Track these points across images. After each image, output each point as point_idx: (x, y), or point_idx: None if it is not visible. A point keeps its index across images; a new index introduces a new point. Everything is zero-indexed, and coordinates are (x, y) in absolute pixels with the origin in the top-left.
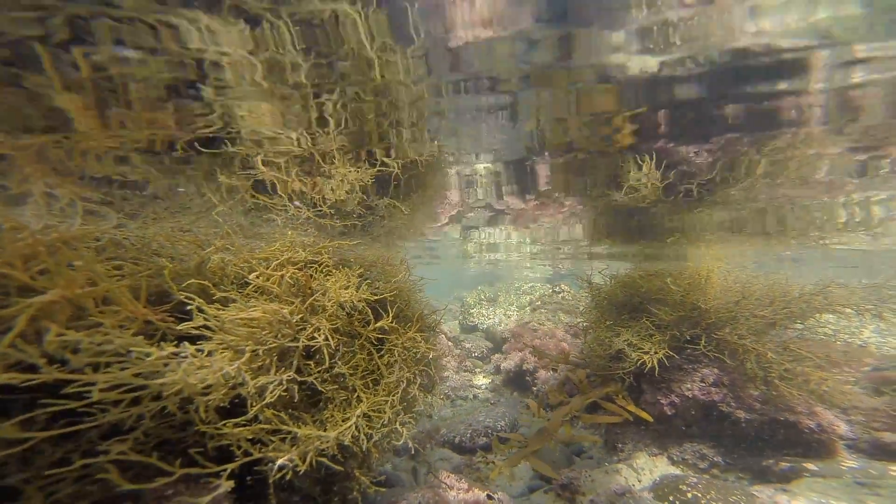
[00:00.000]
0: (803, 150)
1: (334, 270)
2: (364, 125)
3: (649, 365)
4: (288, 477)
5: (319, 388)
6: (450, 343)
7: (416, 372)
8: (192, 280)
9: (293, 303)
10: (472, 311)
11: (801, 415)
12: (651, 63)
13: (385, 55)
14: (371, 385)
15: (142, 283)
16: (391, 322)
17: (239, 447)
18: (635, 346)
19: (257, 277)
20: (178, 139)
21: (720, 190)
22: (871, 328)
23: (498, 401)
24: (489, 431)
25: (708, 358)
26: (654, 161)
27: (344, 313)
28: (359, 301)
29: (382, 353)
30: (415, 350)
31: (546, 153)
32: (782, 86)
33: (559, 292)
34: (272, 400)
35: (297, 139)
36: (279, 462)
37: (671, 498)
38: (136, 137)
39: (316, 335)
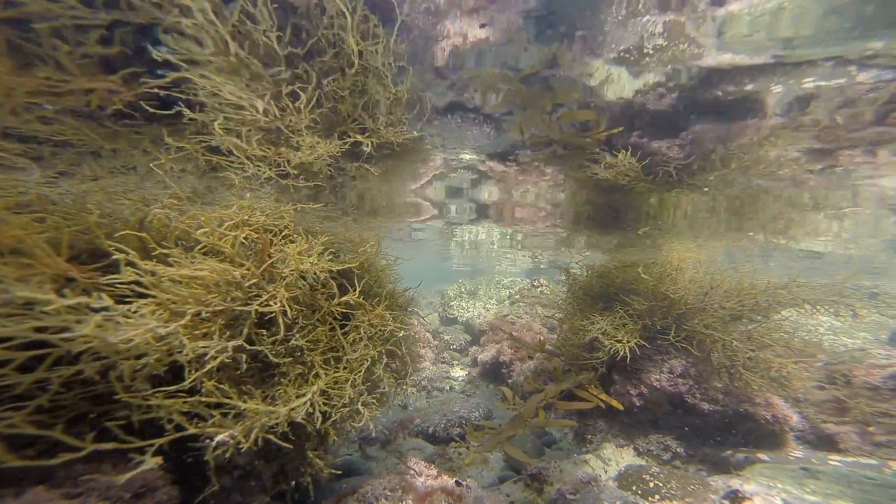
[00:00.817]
0: (767, 148)
1: (297, 237)
2: (339, 104)
3: (622, 353)
4: (229, 455)
5: (272, 360)
6: (428, 334)
7: (384, 351)
8: (127, 232)
9: (246, 266)
10: (451, 303)
11: (759, 406)
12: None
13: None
14: (332, 362)
15: (63, 237)
16: (357, 297)
17: (171, 421)
18: (609, 335)
19: (207, 236)
20: (118, 100)
21: (698, 174)
22: (825, 327)
23: (474, 392)
24: (463, 422)
25: (676, 349)
26: (629, 152)
27: (306, 284)
28: (322, 271)
29: (347, 329)
30: (383, 328)
31: (528, 151)
32: (748, 87)
33: (537, 286)
34: (214, 369)
35: (265, 110)
36: (217, 438)
37: (634, 487)
38: (63, 92)
39: (271, 303)
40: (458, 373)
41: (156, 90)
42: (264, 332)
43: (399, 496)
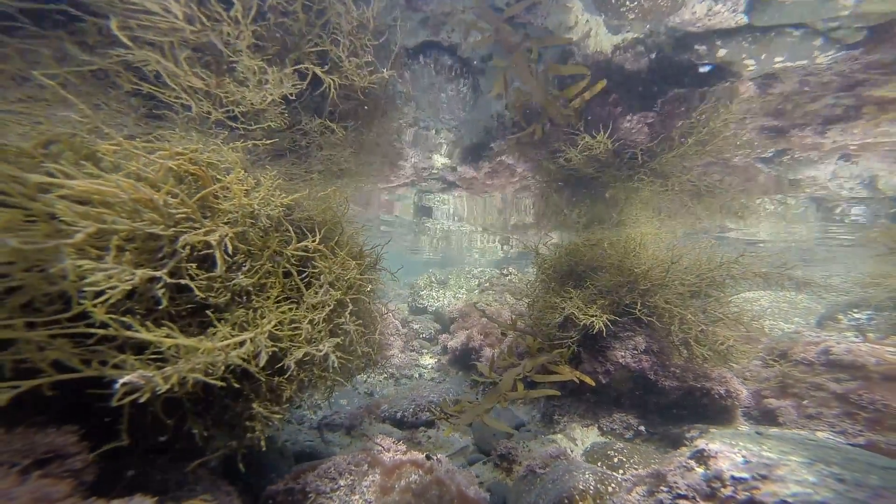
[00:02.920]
0: (725, 113)
1: (246, 174)
2: (289, 21)
3: (596, 328)
4: (152, 410)
5: (207, 301)
6: (397, 322)
7: (348, 300)
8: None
9: (174, 192)
10: (421, 293)
11: (714, 381)
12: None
13: None
14: (287, 309)
15: None
16: (317, 243)
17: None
18: (581, 310)
19: (120, 156)
20: None
21: (660, 156)
22: (766, 313)
23: (444, 379)
24: (433, 406)
25: (641, 325)
26: (604, 132)
27: (258, 228)
28: (274, 209)
29: (305, 275)
30: (347, 277)
31: (506, 133)
32: (721, 53)
33: (507, 275)
34: (115, 300)
35: (185, 16)
36: (123, 380)
37: (599, 463)
38: None
39: (208, 238)
40: (428, 361)
41: None
42: (203, 273)
43: (364, 470)
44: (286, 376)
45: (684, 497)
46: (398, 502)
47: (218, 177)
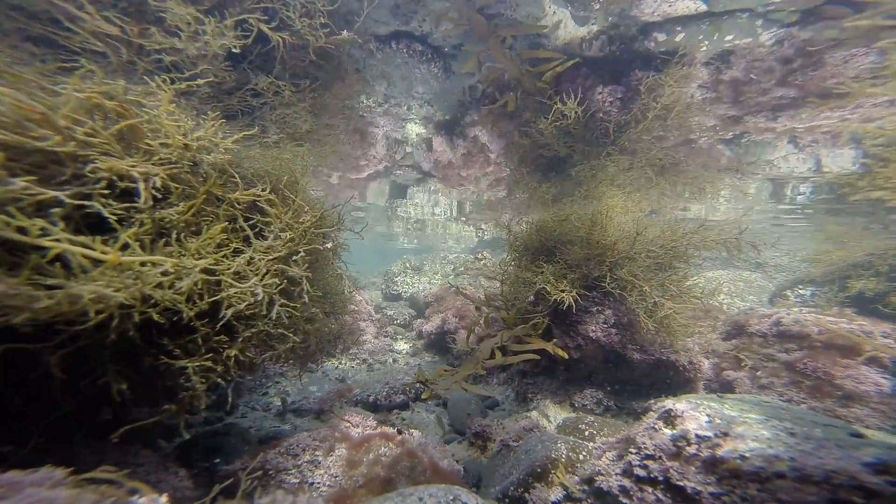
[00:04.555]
0: (673, 87)
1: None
2: None
3: (566, 303)
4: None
5: (112, 221)
6: (370, 308)
7: (304, 251)
8: None
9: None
10: (396, 279)
11: (678, 354)
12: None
13: None
14: (229, 255)
15: None
16: (268, 193)
17: None
18: (552, 284)
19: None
20: None
21: (628, 130)
22: (724, 291)
23: (418, 364)
24: (408, 389)
25: (610, 299)
26: (575, 100)
27: (199, 173)
28: (219, 157)
29: (254, 222)
30: (300, 228)
31: (479, 106)
32: (679, 38)
33: (480, 259)
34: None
35: None
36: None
37: (572, 437)
38: None
39: (133, 171)
40: (402, 346)
41: None
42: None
43: (330, 445)
44: (224, 327)
45: (652, 457)
46: (366, 475)
47: (145, 114)
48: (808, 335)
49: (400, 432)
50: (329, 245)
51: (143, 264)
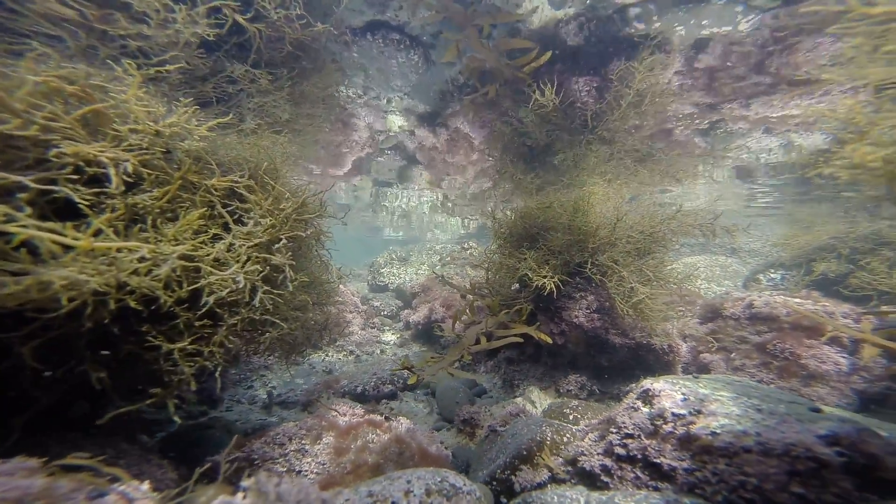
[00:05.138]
0: (656, 72)
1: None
2: None
3: (548, 288)
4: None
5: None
6: (356, 299)
7: (287, 237)
8: None
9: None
10: (382, 270)
11: (658, 337)
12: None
13: None
14: (208, 242)
15: None
16: (246, 180)
17: None
18: (535, 270)
19: None
20: None
21: (605, 118)
22: (701, 277)
23: (406, 355)
24: (395, 379)
25: (592, 284)
26: (552, 89)
27: (173, 160)
28: (194, 144)
29: (233, 209)
30: (282, 214)
31: (461, 96)
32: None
33: (467, 249)
34: None
35: None
36: None
37: (556, 421)
38: None
39: (101, 156)
40: (390, 337)
41: None
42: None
43: (317, 434)
44: (207, 314)
45: (631, 436)
46: (354, 461)
47: (111, 100)
48: (778, 317)
49: (388, 419)
50: (311, 231)
51: (118, 250)
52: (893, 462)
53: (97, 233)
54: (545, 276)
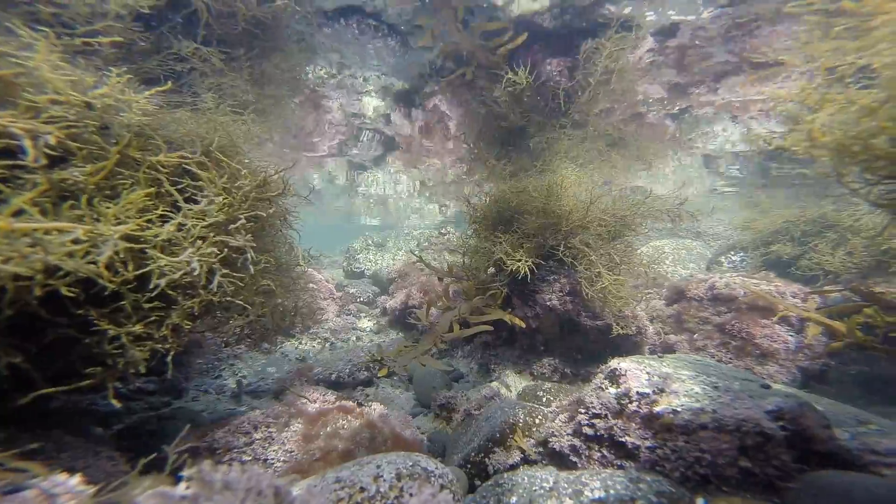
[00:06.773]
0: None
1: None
2: None
3: (522, 272)
4: None
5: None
6: (331, 286)
7: (243, 215)
8: None
9: None
10: (358, 256)
11: (628, 319)
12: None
13: None
14: (155, 221)
15: None
16: (199, 157)
17: None
18: (509, 255)
19: None
20: None
21: (576, 99)
22: (668, 260)
23: (382, 342)
24: (371, 366)
25: (566, 267)
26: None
27: (110, 134)
28: (133, 118)
29: (182, 187)
30: (242, 193)
31: (438, 78)
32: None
33: (444, 234)
34: None
35: None
36: None
37: (530, 404)
38: None
39: (7, 124)
40: (366, 324)
41: None
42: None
43: (285, 421)
44: (159, 296)
45: (598, 416)
46: (323, 448)
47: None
48: (736, 297)
49: (360, 405)
50: (273, 211)
51: (47, 232)
52: (824, 434)
53: (18, 213)
54: (519, 260)
